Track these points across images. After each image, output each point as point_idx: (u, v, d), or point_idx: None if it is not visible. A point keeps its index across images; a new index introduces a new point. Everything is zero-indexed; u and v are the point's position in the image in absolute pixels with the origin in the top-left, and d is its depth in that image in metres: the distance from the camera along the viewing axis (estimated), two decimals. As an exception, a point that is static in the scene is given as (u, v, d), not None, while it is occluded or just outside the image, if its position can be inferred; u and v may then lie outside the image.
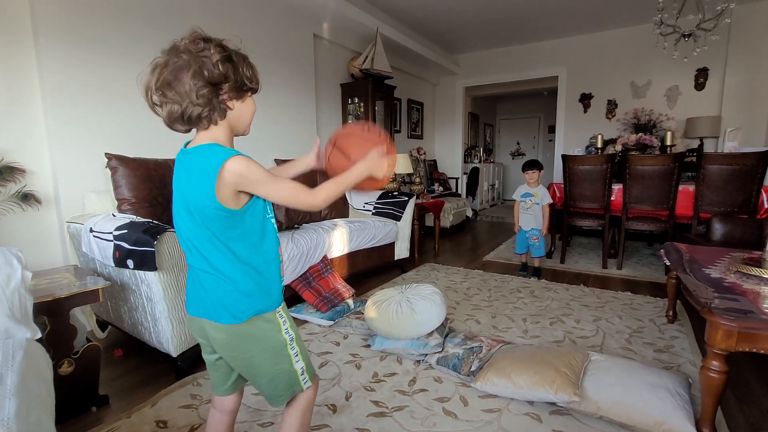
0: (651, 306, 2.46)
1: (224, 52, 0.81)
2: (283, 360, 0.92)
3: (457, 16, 4.48)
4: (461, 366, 1.69)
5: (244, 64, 0.86)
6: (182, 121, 0.80)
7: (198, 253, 0.85)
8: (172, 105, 0.79)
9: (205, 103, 0.79)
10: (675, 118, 4.73)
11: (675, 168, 3.00)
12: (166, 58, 0.79)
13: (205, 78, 0.78)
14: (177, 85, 0.77)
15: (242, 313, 0.86)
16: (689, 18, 3.55)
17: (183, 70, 0.77)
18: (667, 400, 1.34)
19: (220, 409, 1.03)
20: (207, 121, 0.82)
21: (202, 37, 0.81)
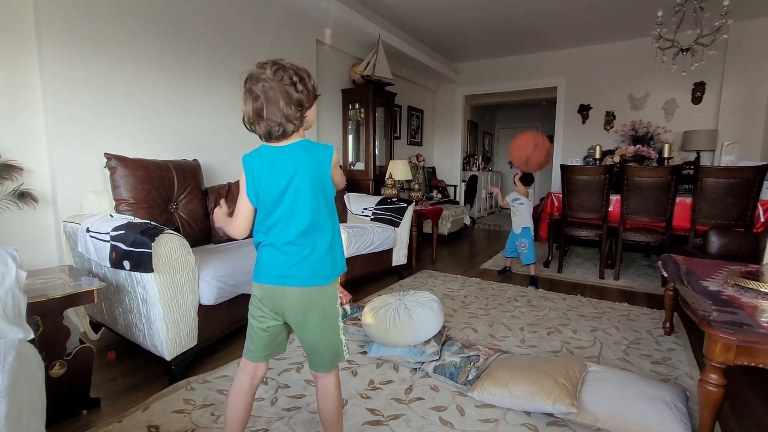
0: (648, 317, 2.46)
1: (296, 76, 1.00)
2: (336, 329, 1.12)
3: (459, 26, 4.53)
4: (458, 375, 1.67)
5: (309, 79, 1.04)
6: (278, 135, 1.02)
7: (312, 228, 1.04)
8: (270, 125, 1.00)
9: (296, 120, 1.01)
10: (672, 131, 4.77)
11: (672, 180, 3.02)
12: (257, 88, 0.98)
13: (295, 103, 0.99)
14: (273, 111, 0.98)
15: (330, 276, 1.07)
16: (687, 33, 3.60)
17: (277, 100, 0.98)
18: (665, 413, 1.33)
19: (252, 375, 1.12)
20: (295, 133, 1.04)
21: (280, 66, 1.00)
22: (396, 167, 3.89)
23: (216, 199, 2.42)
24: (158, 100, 2.45)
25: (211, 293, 1.77)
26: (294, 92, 0.98)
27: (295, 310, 1.05)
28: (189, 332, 1.69)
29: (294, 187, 1.02)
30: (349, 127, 4.25)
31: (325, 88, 3.99)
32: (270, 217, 1.05)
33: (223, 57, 2.83)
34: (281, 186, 1.02)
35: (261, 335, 1.10)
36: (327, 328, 1.09)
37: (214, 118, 2.81)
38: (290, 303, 1.05)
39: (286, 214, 1.03)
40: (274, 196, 1.03)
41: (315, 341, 1.09)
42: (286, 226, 1.03)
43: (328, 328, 1.09)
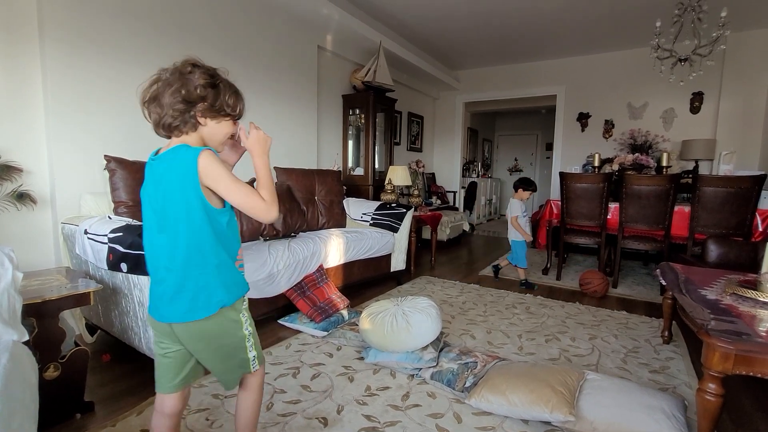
0: (646, 326, 2.45)
1: (210, 79, 0.93)
2: (237, 353, 1.02)
3: (460, 34, 4.56)
4: (456, 381, 1.66)
5: (230, 93, 0.97)
6: (161, 128, 0.94)
7: (187, 259, 0.92)
8: (155, 115, 0.92)
9: (178, 116, 0.91)
10: (671, 140, 4.79)
11: (671, 189, 3.02)
12: (158, 75, 0.93)
13: (182, 96, 0.90)
14: (161, 99, 0.91)
15: (215, 304, 0.94)
16: (685, 43, 3.63)
17: (168, 87, 0.90)
18: (663, 422, 1.32)
19: (162, 412, 1.01)
20: (179, 130, 0.93)
21: (194, 63, 0.94)
22: (396, 173, 3.90)
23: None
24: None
25: (208, 297, 1.77)
26: (192, 88, 0.90)
27: (185, 343, 0.97)
28: (185, 336, 1.68)
29: (159, 205, 0.91)
30: (349, 132, 4.27)
31: (326, 93, 4.01)
32: (144, 238, 0.96)
33: (225, 61, 2.82)
34: (147, 203, 0.94)
35: (163, 362, 1.00)
36: (224, 357, 1.00)
37: (215, 121, 2.81)
38: (178, 336, 0.96)
39: (157, 239, 0.92)
40: (145, 214, 0.95)
41: (213, 369, 1.02)
42: (159, 252, 0.93)
43: (225, 357, 1.00)
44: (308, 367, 1.83)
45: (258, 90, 3.13)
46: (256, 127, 1.01)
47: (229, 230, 0.96)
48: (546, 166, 8.46)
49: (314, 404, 1.54)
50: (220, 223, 0.93)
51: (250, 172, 1.08)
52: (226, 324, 0.97)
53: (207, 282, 0.92)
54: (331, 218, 3.20)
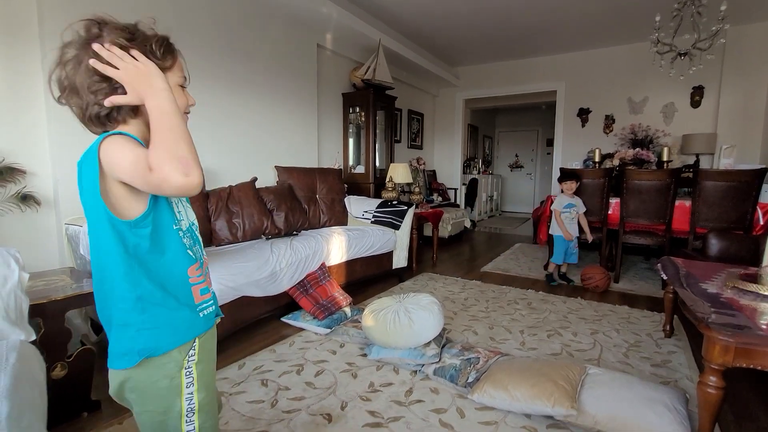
0: (648, 320, 2.46)
1: (127, 35, 0.69)
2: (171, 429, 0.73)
3: (459, 31, 4.56)
4: (458, 377, 1.68)
5: (157, 45, 0.72)
6: (89, 122, 0.70)
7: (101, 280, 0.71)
8: (77, 108, 0.69)
9: (93, 95, 0.67)
10: (671, 135, 4.78)
11: (672, 183, 3.03)
12: (62, 53, 0.68)
13: (99, 71, 0.65)
14: (75, 82, 0.67)
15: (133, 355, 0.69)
16: (685, 37, 3.62)
17: (78, 66, 0.67)
18: (664, 415, 1.33)
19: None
20: (113, 121, 0.70)
21: (100, 20, 0.69)
22: (396, 170, 3.91)
23: (217, 202, 2.43)
24: (160, 104, 2.47)
25: (211, 295, 1.78)
26: None
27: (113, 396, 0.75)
28: (189, 334, 1.70)
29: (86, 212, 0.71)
30: (349, 130, 4.27)
31: (326, 91, 4.01)
32: None
33: (225, 61, 2.85)
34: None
35: None
36: (149, 428, 0.74)
37: (215, 121, 2.82)
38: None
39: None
40: None
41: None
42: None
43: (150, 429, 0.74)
44: (312, 364, 1.85)
45: (259, 90, 3.13)
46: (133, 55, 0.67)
47: (154, 247, 0.70)
48: (547, 162, 8.46)
49: (318, 401, 1.56)
50: (137, 239, 0.68)
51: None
52: (154, 383, 0.70)
53: (126, 321, 0.69)
54: (332, 216, 3.21)
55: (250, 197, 2.56)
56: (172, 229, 0.73)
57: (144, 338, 0.69)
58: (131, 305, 0.69)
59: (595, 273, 3.03)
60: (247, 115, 3.06)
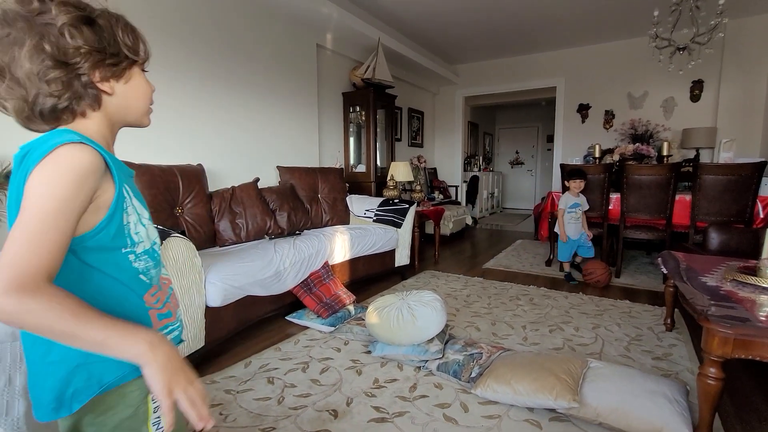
0: (649, 314, 2.48)
1: (78, 12, 0.56)
2: None
3: (458, 28, 4.56)
4: (461, 372, 1.70)
5: (119, 26, 0.62)
6: (37, 118, 0.57)
7: None
8: (16, 101, 0.55)
9: (63, 90, 0.56)
10: (671, 129, 4.79)
11: (672, 178, 3.04)
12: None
13: (50, 54, 0.54)
14: (14, 71, 0.54)
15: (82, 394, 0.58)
16: (684, 32, 3.63)
17: (15, 49, 0.53)
18: (665, 407, 1.35)
19: None
20: (71, 114, 0.59)
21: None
22: (397, 169, 3.93)
23: (220, 203, 2.45)
24: (162, 106, 2.49)
25: (217, 295, 1.81)
26: (57, 34, 0.54)
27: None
28: (196, 334, 1.73)
29: None
30: (350, 129, 4.29)
31: (326, 91, 4.03)
32: None
33: (226, 63, 2.87)
34: None
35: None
36: None
37: (217, 122, 2.84)
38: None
39: None
40: None
41: None
42: None
43: None
44: (317, 361, 1.87)
45: (260, 90, 3.16)
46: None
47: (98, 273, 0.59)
48: (547, 159, 8.46)
49: (324, 397, 1.58)
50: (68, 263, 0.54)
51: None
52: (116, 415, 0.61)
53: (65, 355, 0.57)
54: (334, 215, 3.24)
55: (252, 197, 2.59)
56: (121, 252, 0.62)
57: (93, 372, 0.58)
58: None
59: (596, 268, 3.04)
60: (248, 116, 3.09)
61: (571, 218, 3.19)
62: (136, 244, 0.64)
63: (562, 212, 3.20)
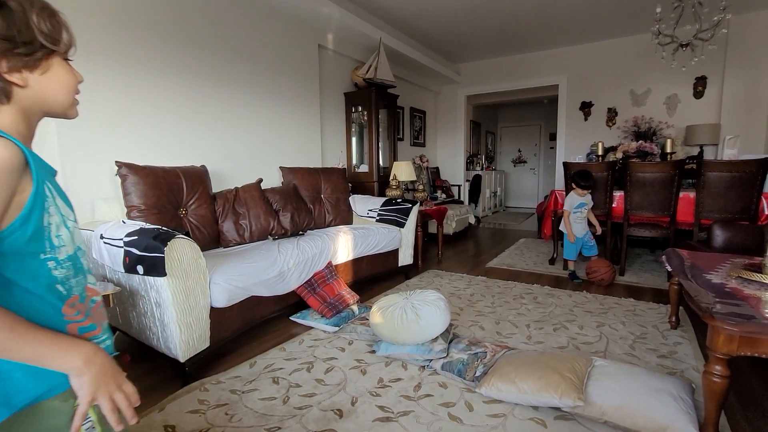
0: (654, 312, 2.47)
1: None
2: None
3: (459, 27, 4.56)
4: (466, 371, 1.70)
5: (33, 10, 0.55)
6: None
7: None
8: None
9: None
10: (675, 126, 4.77)
11: (676, 175, 3.03)
12: None
13: None
14: None
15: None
16: (686, 28, 3.61)
17: None
18: (671, 405, 1.35)
19: None
20: None
21: None
22: (400, 168, 3.93)
23: (224, 204, 2.46)
24: (165, 108, 2.51)
25: (222, 296, 1.82)
26: None
27: None
28: (201, 334, 1.74)
29: None
30: (352, 129, 4.30)
31: (328, 91, 4.04)
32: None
33: (228, 64, 2.88)
34: None
35: None
36: None
37: (220, 124, 2.86)
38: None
39: None
40: None
41: None
42: None
43: None
44: (321, 361, 1.88)
45: (262, 91, 3.17)
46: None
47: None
48: (550, 157, 8.44)
49: (329, 397, 1.59)
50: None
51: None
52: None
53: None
54: (337, 216, 3.24)
55: (256, 198, 2.60)
56: (39, 259, 0.56)
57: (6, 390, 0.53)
58: None
59: (600, 266, 3.04)
60: (251, 117, 3.10)
61: (577, 218, 3.18)
62: (57, 249, 0.59)
63: (568, 213, 3.19)
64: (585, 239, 3.21)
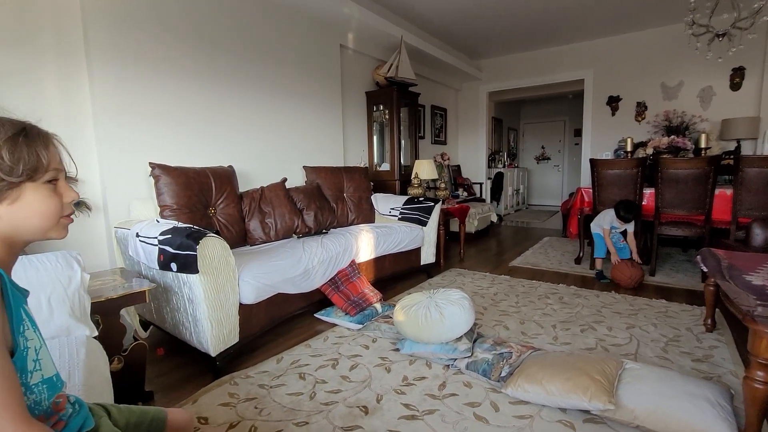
0: (687, 314, 2.38)
1: None
2: None
3: (481, 22, 4.50)
4: (491, 371, 1.69)
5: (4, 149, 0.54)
6: None
7: None
8: None
9: None
10: (709, 120, 4.56)
11: (711, 171, 2.90)
12: None
13: None
14: None
15: None
16: (723, 17, 3.44)
17: None
18: (707, 410, 1.30)
19: None
20: None
21: None
22: (422, 167, 3.92)
23: (250, 203, 2.52)
24: (194, 110, 2.58)
25: (250, 292, 1.87)
26: None
27: None
28: (231, 330, 1.79)
29: None
30: (374, 128, 4.31)
31: (349, 91, 4.07)
32: None
33: (254, 67, 2.94)
34: None
35: None
36: None
37: (246, 124, 2.92)
38: None
39: None
40: None
41: None
42: None
43: None
44: (346, 358, 1.91)
45: (286, 92, 3.22)
46: None
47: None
48: (575, 153, 8.23)
49: (354, 393, 1.61)
50: None
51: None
52: None
53: None
54: (360, 214, 3.27)
55: (281, 197, 2.65)
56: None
57: None
58: None
59: (622, 270, 2.90)
60: (275, 118, 3.15)
61: (615, 231, 3.14)
62: (30, 374, 0.56)
63: (607, 232, 3.11)
64: (614, 240, 3.14)
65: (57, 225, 0.62)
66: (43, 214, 0.60)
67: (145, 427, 0.83)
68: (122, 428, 0.76)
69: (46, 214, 0.60)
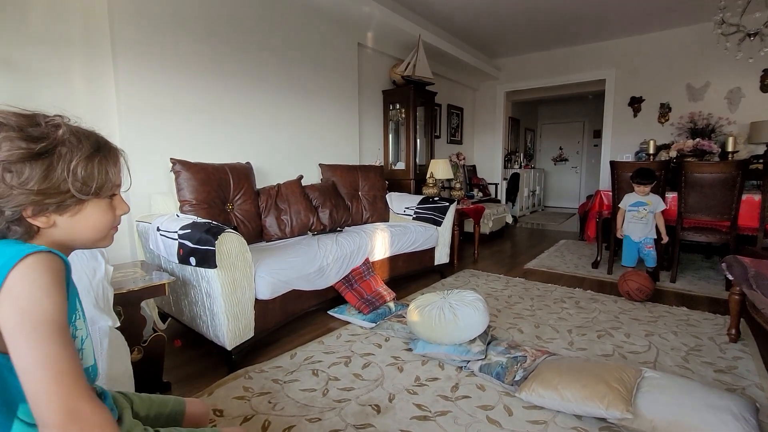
0: (710, 323, 2.31)
1: (29, 146, 0.53)
2: None
3: (501, 20, 4.44)
4: (505, 375, 1.67)
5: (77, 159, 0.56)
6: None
7: None
8: None
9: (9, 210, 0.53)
10: (737, 123, 4.41)
11: (738, 176, 2.80)
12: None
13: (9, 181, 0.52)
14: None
15: None
16: (755, 16, 3.32)
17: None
18: (731, 423, 1.26)
19: None
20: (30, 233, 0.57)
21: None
22: (437, 166, 3.90)
23: (267, 199, 2.55)
24: (213, 108, 2.63)
25: (266, 288, 1.89)
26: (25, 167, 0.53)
27: None
28: (246, 324, 1.82)
29: None
30: (389, 127, 4.31)
31: (366, 89, 4.07)
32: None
33: (272, 66, 2.97)
34: None
35: None
36: None
37: (264, 121, 2.96)
38: None
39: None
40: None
41: None
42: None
43: None
44: (359, 356, 1.91)
45: (303, 91, 3.24)
46: None
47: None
48: (594, 155, 8.06)
49: (367, 392, 1.61)
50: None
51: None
52: None
53: None
54: (374, 213, 3.27)
55: (296, 194, 2.67)
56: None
57: None
58: None
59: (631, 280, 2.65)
60: (293, 115, 3.18)
61: (632, 217, 2.95)
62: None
63: (623, 211, 3.02)
64: (640, 245, 2.95)
65: (107, 236, 0.67)
66: (98, 227, 0.64)
67: (165, 417, 0.85)
68: (144, 417, 0.79)
69: (100, 227, 0.64)
